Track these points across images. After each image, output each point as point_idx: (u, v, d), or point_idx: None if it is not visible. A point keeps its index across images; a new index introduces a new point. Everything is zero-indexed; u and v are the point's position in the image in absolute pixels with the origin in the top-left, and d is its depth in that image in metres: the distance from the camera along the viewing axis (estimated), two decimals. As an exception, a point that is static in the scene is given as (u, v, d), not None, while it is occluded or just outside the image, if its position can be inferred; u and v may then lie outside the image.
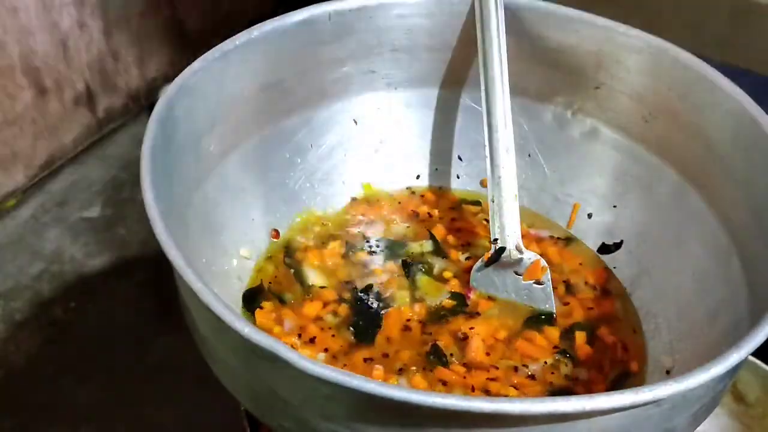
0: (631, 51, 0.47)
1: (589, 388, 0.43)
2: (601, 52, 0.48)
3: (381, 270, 0.48)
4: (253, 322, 0.44)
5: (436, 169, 0.54)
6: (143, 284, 0.68)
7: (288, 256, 0.48)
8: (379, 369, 0.41)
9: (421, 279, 0.47)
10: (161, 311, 0.67)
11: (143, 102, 0.83)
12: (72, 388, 0.59)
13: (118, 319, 0.65)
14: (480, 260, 0.47)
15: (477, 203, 0.53)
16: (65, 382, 0.60)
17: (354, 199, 0.53)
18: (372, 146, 0.53)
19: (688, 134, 0.46)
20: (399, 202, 0.53)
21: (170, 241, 0.34)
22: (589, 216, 0.51)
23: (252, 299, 0.45)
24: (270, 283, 0.46)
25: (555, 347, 0.44)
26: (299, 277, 0.47)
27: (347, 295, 0.46)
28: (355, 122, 0.53)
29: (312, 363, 0.30)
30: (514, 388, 0.41)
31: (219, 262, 0.44)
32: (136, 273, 0.68)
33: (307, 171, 0.51)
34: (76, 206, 0.74)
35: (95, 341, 0.64)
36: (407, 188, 0.54)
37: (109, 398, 0.59)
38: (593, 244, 0.51)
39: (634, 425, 0.32)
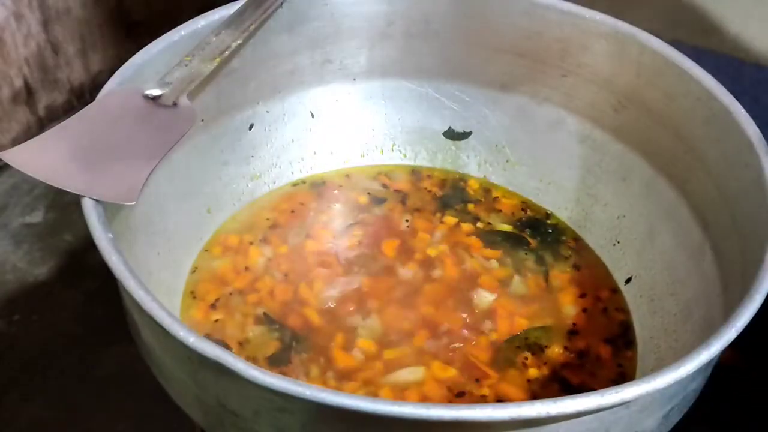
0: (597, 36, 0.47)
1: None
2: (567, 39, 0.48)
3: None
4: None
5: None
6: (92, 293, 0.67)
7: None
8: None
9: None
10: (112, 321, 0.66)
11: (87, 98, 0.81)
12: (16, 406, 0.58)
13: (66, 331, 0.64)
14: None
15: None
16: (9, 401, 0.59)
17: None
18: (330, 140, 0.53)
19: (658, 123, 0.47)
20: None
21: (110, 246, 0.34)
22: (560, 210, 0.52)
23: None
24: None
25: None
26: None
27: None
28: (312, 115, 0.53)
29: (262, 372, 0.30)
30: None
31: (165, 270, 0.44)
32: (85, 281, 0.67)
33: (263, 167, 0.51)
34: (17, 211, 0.73)
35: (41, 355, 0.63)
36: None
37: (58, 416, 0.58)
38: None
39: (602, 429, 0.32)
